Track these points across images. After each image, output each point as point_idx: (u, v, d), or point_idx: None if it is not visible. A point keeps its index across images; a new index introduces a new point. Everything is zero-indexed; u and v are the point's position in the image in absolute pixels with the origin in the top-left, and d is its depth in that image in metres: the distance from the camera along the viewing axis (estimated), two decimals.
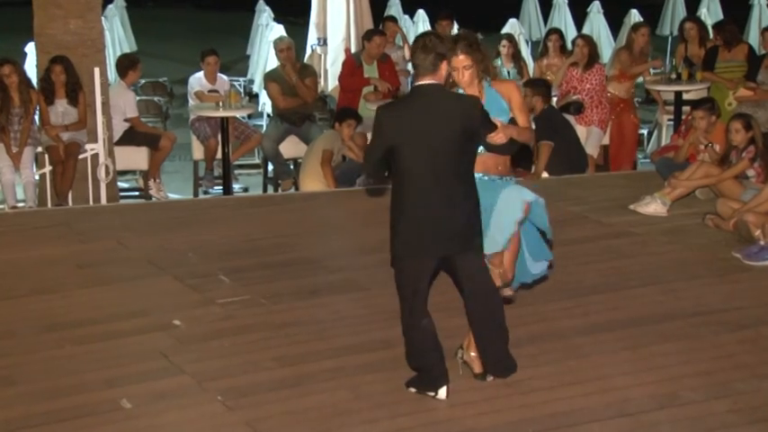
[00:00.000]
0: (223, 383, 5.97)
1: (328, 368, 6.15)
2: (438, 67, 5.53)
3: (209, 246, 8.61)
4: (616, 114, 12.01)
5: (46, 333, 6.77)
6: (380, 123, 5.56)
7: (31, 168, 10.65)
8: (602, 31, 18.04)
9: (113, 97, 11.23)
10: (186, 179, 12.87)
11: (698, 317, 6.94)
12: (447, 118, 5.49)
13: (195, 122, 12.10)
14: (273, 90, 12.10)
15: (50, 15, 10.63)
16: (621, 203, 9.61)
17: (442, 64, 5.55)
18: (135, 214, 9.90)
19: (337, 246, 8.87)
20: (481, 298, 5.75)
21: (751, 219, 8.38)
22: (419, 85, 5.57)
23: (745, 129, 9.30)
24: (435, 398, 5.69)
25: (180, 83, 16.73)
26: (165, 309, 7.17)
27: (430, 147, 5.46)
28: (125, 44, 18.07)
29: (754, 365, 6.19)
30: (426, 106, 5.51)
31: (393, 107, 5.87)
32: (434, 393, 5.70)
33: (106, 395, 5.84)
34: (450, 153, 5.49)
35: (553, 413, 5.60)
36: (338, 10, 13.68)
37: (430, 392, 5.71)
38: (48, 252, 8.49)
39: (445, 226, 5.54)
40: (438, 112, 5.50)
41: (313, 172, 10.78)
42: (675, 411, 5.63)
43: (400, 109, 5.74)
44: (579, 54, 11.89)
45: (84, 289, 7.62)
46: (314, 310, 7.16)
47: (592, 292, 7.43)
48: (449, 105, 5.55)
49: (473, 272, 5.72)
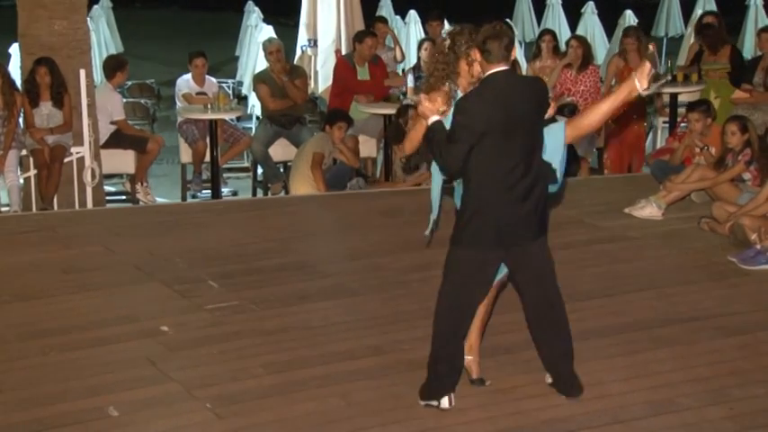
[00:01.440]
0: (212, 391, 5.91)
1: (318, 375, 6.09)
2: (510, 53, 5.45)
3: (198, 251, 8.55)
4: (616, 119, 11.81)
5: (30, 340, 6.69)
6: (470, 114, 5.38)
7: (15, 172, 10.55)
8: (596, 32, 18.06)
9: (99, 99, 11.15)
10: (174, 183, 12.81)
11: (694, 322, 6.91)
12: (526, 104, 5.45)
13: (183, 125, 12.02)
14: (263, 92, 12.03)
15: (35, 16, 10.54)
16: (616, 207, 9.60)
17: (513, 50, 5.49)
18: (122, 219, 9.84)
19: (327, 250, 8.84)
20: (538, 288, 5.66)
21: (747, 222, 8.34)
22: (496, 72, 5.43)
23: (740, 131, 9.28)
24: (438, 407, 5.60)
25: (167, 85, 16.69)
26: (153, 315, 7.11)
27: (514, 134, 5.37)
28: (111, 45, 18.04)
29: (751, 371, 6.15)
30: (507, 94, 5.41)
31: (477, 97, 5.58)
32: (437, 403, 5.60)
33: (92, 403, 5.77)
34: (530, 138, 5.45)
35: (548, 420, 5.56)
36: (328, 11, 13.63)
37: (433, 402, 5.61)
38: (32, 257, 8.42)
39: (516, 217, 5.45)
40: (517, 99, 5.43)
41: (303, 175, 10.72)
42: (671, 418, 5.58)
43: (484, 98, 5.49)
44: (573, 55, 11.83)
45: (69, 295, 7.55)
46: (304, 316, 7.10)
47: (587, 296, 7.38)
48: (524, 90, 5.52)
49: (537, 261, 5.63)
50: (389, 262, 8.16)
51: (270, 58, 12.11)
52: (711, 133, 9.91)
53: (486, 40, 5.42)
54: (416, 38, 16.80)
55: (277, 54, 12.04)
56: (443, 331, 5.57)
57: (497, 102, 5.39)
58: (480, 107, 5.39)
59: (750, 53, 16.79)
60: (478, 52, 5.48)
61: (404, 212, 9.53)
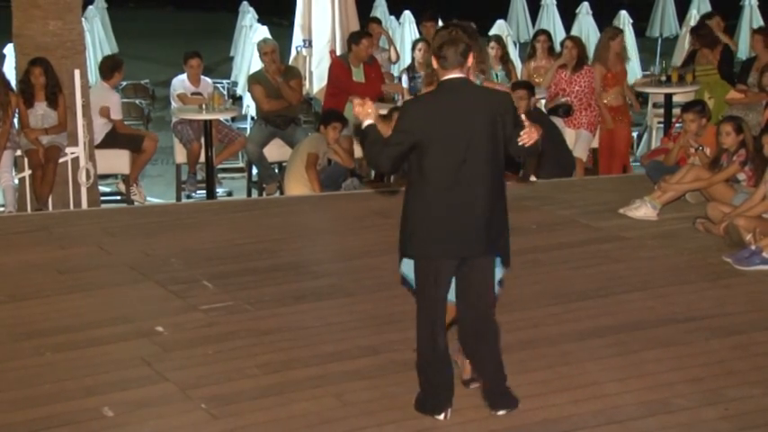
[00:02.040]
0: (207, 391, 5.90)
1: (313, 375, 6.09)
2: (466, 60, 5.35)
3: (193, 251, 8.53)
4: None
5: (25, 340, 6.67)
6: (407, 118, 5.36)
7: (9, 172, 10.53)
8: (590, 32, 18.00)
9: (95, 99, 11.11)
10: (169, 183, 12.79)
11: (689, 322, 6.90)
12: (476, 114, 5.31)
13: (178, 125, 12.00)
14: (258, 92, 12.02)
15: (29, 16, 10.50)
16: (611, 207, 9.57)
17: (470, 56, 5.37)
18: (116, 219, 9.80)
19: (322, 251, 8.83)
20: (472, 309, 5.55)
21: (742, 223, 8.34)
22: (448, 79, 5.36)
23: (735, 132, 9.27)
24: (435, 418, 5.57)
25: (162, 85, 16.65)
26: (148, 315, 7.09)
27: (456, 145, 5.27)
28: (106, 46, 17.97)
29: (746, 372, 6.15)
30: (455, 102, 5.31)
31: (420, 102, 5.61)
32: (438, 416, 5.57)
33: (87, 403, 5.77)
34: (478, 151, 5.29)
35: (542, 420, 5.56)
36: (323, 11, 13.60)
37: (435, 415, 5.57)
38: (27, 258, 8.39)
39: (462, 228, 5.34)
40: (467, 109, 5.31)
41: (298, 175, 10.70)
42: (666, 418, 5.59)
43: (428, 104, 5.48)
44: (568, 56, 11.82)
45: (64, 295, 7.53)
46: (299, 317, 7.09)
47: (582, 297, 7.37)
48: (479, 101, 5.37)
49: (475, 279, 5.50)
50: (384, 262, 8.12)
51: (264, 58, 12.09)
52: (706, 133, 9.90)
53: (441, 46, 5.34)
54: (411, 38, 16.78)
55: (272, 55, 12.02)
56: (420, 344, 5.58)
57: (440, 109, 5.32)
58: (419, 113, 5.36)
59: (745, 54, 16.82)
60: (434, 58, 5.39)
61: (398, 213, 9.48)
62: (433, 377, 5.55)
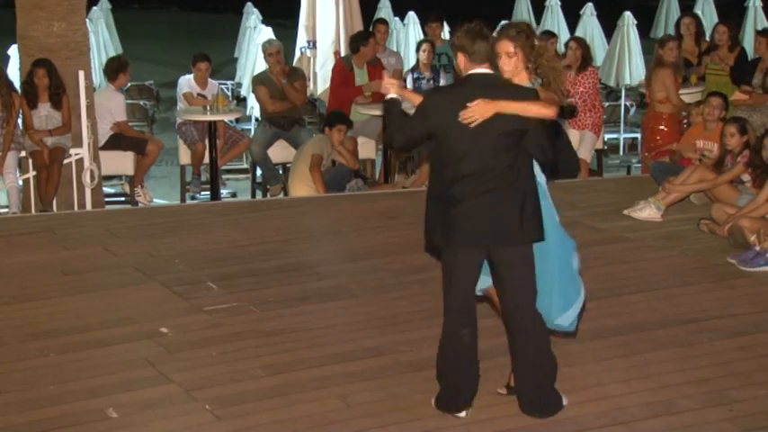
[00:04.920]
0: (211, 392, 5.90)
1: (318, 376, 6.08)
2: (494, 56, 5.36)
3: (197, 252, 8.53)
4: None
5: (30, 341, 6.67)
6: (425, 108, 5.38)
7: (14, 173, 10.53)
8: (595, 33, 18.02)
9: (100, 101, 11.13)
10: (173, 184, 12.80)
11: (693, 324, 6.90)
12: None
13: (182, 126, 12.00)
14: (262, 93, 12.02)
15: (33, 17, 10.52)
16: (615, 208, 9.58)
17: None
18: (121, 220, 9.79)
19: (327, 252, 8.82)
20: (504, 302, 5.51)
21: (746, 224, 8.33)
22: (473, 73, 5.34)
23: (740, 133, 9.26)
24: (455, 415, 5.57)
25: (166, 86, 16.68)
26: (152, 316, 7.09)
27: (476, 140, 5.25)
28: (110, 47, 18.01)
29: (750, 373, 6.14)
30: (477, 95, 5.26)
31: (442, 93, 5.56)
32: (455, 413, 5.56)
33: (92, 404, 5.77)
34: (497, 148, 5.27)
35: (547, 422, 5.54)
36: (328, 12, 13.60)
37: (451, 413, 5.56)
38: (32, 259, 8.39)
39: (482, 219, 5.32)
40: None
41: (302, 177, 10.70)
42: (670, 420, 5.58)
43: (449, 96, 5.46)
44: (572, 57, 11.78)
45: (68, 296, 7.54)
46: (303, 318, 7.08)
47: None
48: (499, 95, 5.30)
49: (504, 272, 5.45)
50: (388, 263, 8.15)
51: (269, 59, 12.10)
52: (713, 133, 9.90)
53: (467, 39, 5.33)
54: (415, 39, 16.79)
55: (276, 56, 12.03)
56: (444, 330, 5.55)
57: (458, 100, 5.28)
58: (437, 103, 5.38)
59: (749, 55, 16.78)
60: (461, 53, 5.37)
61: (403, 214, 9.51)
62: (450, 372, 5.52)
